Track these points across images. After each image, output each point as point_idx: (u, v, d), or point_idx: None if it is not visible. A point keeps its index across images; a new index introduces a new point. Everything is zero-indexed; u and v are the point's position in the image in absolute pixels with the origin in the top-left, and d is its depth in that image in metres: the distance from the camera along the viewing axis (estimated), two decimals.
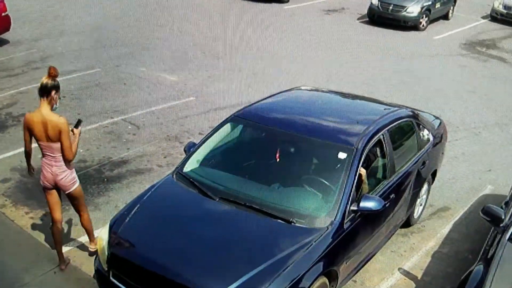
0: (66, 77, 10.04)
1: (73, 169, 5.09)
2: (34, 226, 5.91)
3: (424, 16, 16.31)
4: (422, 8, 16.14)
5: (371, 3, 16.55)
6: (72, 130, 4.99)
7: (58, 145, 4.83)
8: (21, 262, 5.32)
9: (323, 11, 17.57)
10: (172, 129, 8.48)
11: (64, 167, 4.95)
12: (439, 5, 17.03)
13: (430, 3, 16.46)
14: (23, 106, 8.74)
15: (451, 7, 18.07)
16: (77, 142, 4.99)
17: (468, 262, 5.61)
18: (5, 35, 11.64)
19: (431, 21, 16.86)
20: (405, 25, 16.12)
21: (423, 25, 16.41)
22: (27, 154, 5.12)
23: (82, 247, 5.65)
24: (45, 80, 4.81)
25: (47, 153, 4.92)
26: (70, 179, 5.03)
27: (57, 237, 5.21)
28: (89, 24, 13.54)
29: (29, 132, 4.88)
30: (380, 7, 16.29)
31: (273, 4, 17.63)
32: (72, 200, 5.22)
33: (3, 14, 11.20)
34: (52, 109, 4.85)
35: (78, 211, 5.33)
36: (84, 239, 5.75)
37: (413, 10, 16.04)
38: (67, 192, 5.10)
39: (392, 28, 16.10)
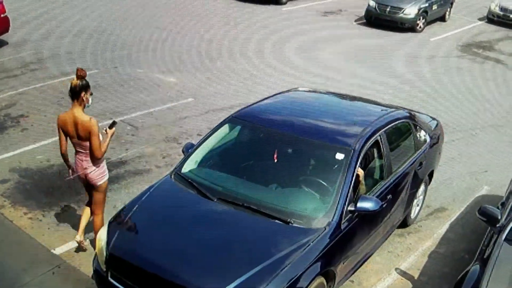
0: (64, 78, 10.08)
1: (103, 165, 5.30)
2: (33, 227, 5.92)
3: (421, 18, 16.33)
4: (419, 10, 16.15)
5: (369, 5, 16.57)
6: (105, 130, 5.23)
7: (88, 143, 5.09)
8: (20, 262, 5.33)
9: (320, 12, 17.61)
10: (170, 130, 8.51)
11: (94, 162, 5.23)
12: (436, 7, 17.06)
13: (427, 5, 16.46)
14: (22, 107, 8.77)
15: (448, 9, 18.12)
16: (108, 141, 5.21)
17: (465, 262, 5.66)
18: (4, 37, 11.65)
19: (428, 23, 16.91)
20: (402, 27, 16.16)
21: (420, 27, 16.44)
22: (64, 155, 5.33)
23: (80, 248, 5.66)
24: (74, 82, 5.02)
25: (79, 149, 5.21)
26: (98, 173, 5.26)
27: (86, 212, 5.47)
28: (87, 26, 13.55)
29: (63, 131, 5.15)
30: (377, 9, 16.30)
31: (271, 6, 17.68)
32: (95, 194, 5.35)
33: (2, 15, 11.19)
34: (84, 108, 5.11)
35: (93, 209, 5.43)
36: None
37: (410, 11, 16.05)
38: (94, 185, 5.29)
39: (389, 30, 16.14)
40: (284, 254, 4.28)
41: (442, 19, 17.94)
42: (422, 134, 6.46)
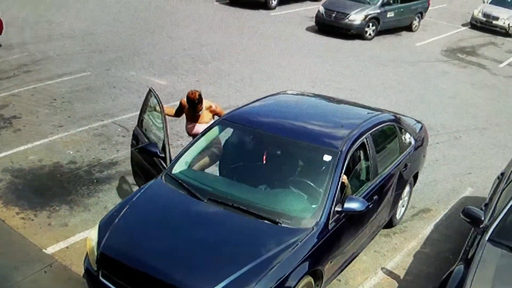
0: (57, 80, 10.14)
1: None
2: (25, 226, 5.96)
3: (370, 25, 15.70)
4: (366, 16, 15.54)
5: (318, 10, 16.14)
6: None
7: None
8: (12, 261, 5.37)
9: (307, 18, 17.74)
10: None
11: None
12: (392, 15, 16.24)
13: (378, 11, 15.81)
14: (14, 108, 8.79)
15: (416, 18, 17.29)
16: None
17: (449, 262, 5.78)
18: None
19: (387, 31, 16.43)
20: (348, 33, 15.56)
21: (369, 34, 15.78)
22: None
23: (72, 247, 5.72)
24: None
25: None
26: None
27: None
28: (80, 29, 13.57)
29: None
30: (324, 15, 15.84)
31: (260, 11, 17.82)
32: None
33: None
34: None
35: None
36: (74, 239, 5.83)
37: (355, 18, 15.49)
38: None
39: (374, 35, 16.31)
40: (272, 254, 4.36)
41: (408, 28, 17.19)
42: (407, 137, 6.57)
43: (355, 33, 15.64)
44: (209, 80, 11.17)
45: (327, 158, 5.10)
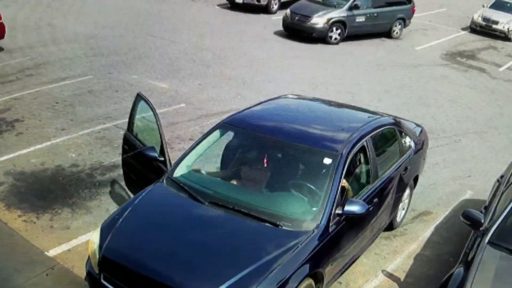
0: (59, 83, 10.18)
1: None
2: (27, 229, 5.98)
3: (335, 29, 15.25)
4: (329, 20, 15.07)
5: (285, 13, 15.87)
6: None
7: None
8: (14, 264, 5.39)
9: None
10: None
11: None
12: (362, 19, 15.70)
13: (344, 15, 15.33)
14: (17, 112, 8.82)
15: (397, 25, 16.69)
16: None
17: (449, 265, 5.79)
18: (0, 43, 11.71)
19: (362, 37, 16.03)
20: (311, 37, 15.17)
21: (334, 39, 15.31)
22: None
23: (74, 249, 5.75)
24: None
25: None
26: None
27: None
28: (82, 33, 13.63)
29: None
30: (289, 17, 15.49)
31: (262, 15, 17.89)
32: None
33: None
34: None
35: None
36: (76, 242, 5.86)
37: (318, 21, 15.04)
38: None
39: (374, 38, 16.35)
40: (273, 256, 4.38)
41: (387, 35, 16.61)
42: (407, 140, 6.60)
43: (317, 37, 15.18)
44: (210, 84, 11.22)
45: (327, 161, 5.13)
